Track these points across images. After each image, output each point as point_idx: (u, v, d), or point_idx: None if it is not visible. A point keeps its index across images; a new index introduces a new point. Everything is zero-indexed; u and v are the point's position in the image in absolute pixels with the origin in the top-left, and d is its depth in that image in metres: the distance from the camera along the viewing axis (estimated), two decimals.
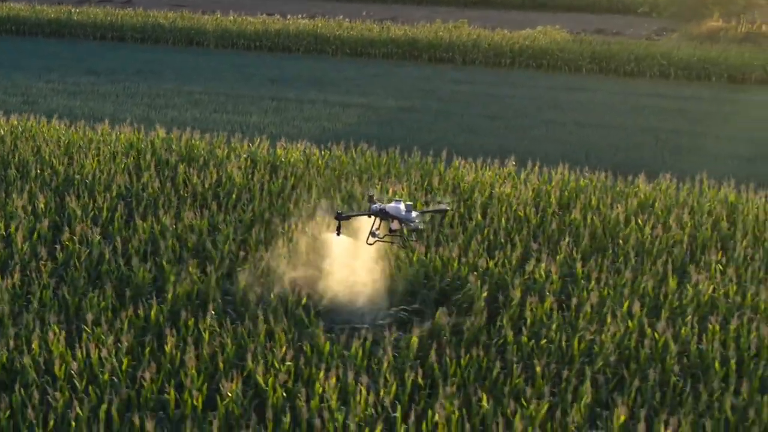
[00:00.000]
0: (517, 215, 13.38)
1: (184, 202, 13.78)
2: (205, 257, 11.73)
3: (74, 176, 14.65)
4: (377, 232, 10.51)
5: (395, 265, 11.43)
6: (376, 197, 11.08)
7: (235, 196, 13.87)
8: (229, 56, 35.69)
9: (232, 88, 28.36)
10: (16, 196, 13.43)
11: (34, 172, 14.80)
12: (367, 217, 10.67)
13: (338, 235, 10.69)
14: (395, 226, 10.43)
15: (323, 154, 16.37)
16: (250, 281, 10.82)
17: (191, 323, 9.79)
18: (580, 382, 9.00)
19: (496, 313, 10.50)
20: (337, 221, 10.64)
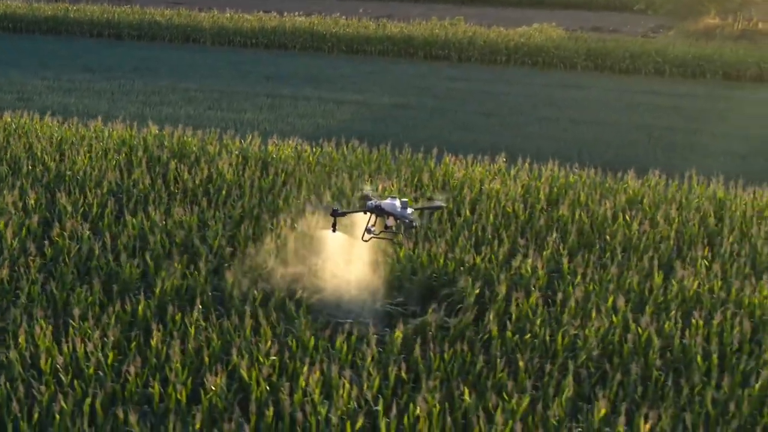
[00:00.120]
0: (505, 211, 13.43)
1: (174, 198, 13.84)
2: (194, 253, 11.79)
3: (66, 173, 14.69)
4: (373, 228, 10.58)
5: (384, 260, 11.48)
6: (371, 194, 11.16)
7: (225, 192, 13.91)
8: (225, 53, 35.76)
9: (227, 85, 28.40)
10: (6, 192, 13.46)
11: (25, 168, 14.84)
12: (362, 213, 10.74)
13: (334, 231, 10.77)
14: (391, 222, 10.51)
15: (314, 150, 16.42)
16: (237, 276, 10.87)
17: (178, 318, 9.84)
18: (562, 376, 9.06)
19: (483, 309, 10.55)
20: (332, 218, 10.72)
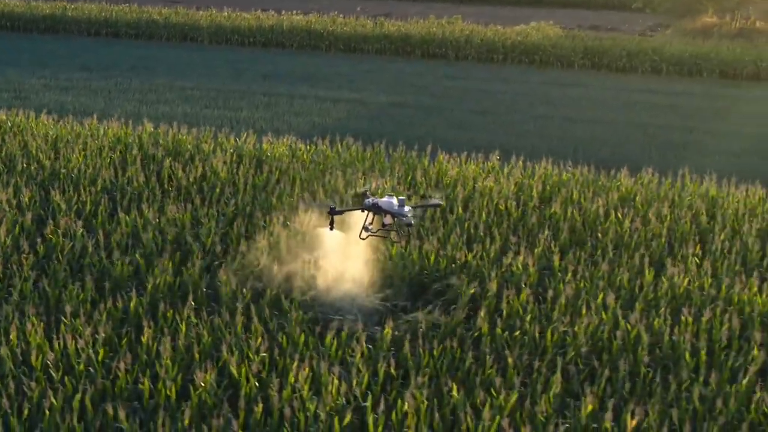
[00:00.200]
0: (498, 209, 13.46)
1: (168, 196, 13.88)
2: (187, 250, 11.83)
3: (60, 170, 14.73)
4: (370, 226, 10.63)
5: (377, 258, 11.52)
6: (369, 192, 11.22)
7: (218, 190, 13.95)
8: (222, 52, 35.79)
9: (224, 83, 28.42)
10: (1, 189, 13.50)
11: (20, 166, 14.89)
12: (360, 212, 10.78)
13: (331, 229, 10.82)
14: (388, 220, 10.55)
15: (308, 148, 16.45)
16: (229, 273, 10.91)
17: (170, 315, 9.88)
18: (551, 372, 9.10)
19: (474, 306, 10.59)
20: (329, 215, 10.76)
